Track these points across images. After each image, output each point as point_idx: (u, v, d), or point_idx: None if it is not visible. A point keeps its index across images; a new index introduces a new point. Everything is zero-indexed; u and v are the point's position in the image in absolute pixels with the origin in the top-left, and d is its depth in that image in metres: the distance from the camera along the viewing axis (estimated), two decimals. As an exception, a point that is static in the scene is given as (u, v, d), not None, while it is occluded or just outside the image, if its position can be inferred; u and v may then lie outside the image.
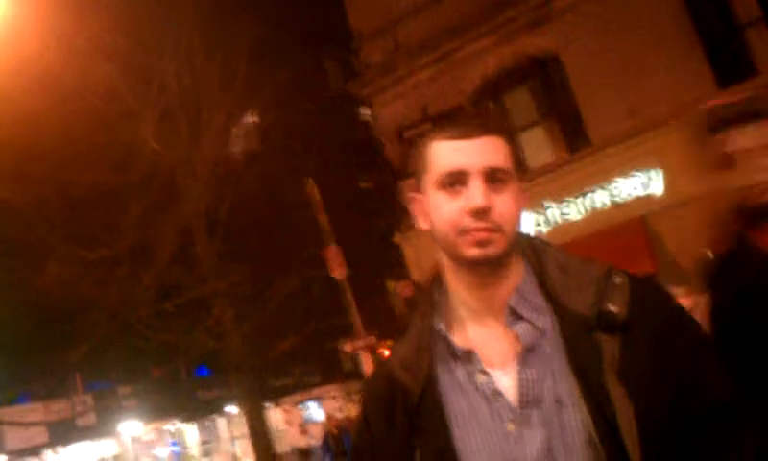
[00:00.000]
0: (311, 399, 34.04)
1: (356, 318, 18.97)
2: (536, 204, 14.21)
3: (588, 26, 13.71)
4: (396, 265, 17.31)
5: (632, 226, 13.22)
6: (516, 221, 1.56)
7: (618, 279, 1.54)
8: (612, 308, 1.48)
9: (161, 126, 16.65)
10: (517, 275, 1.58)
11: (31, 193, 15.16)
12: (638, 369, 1.43)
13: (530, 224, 14.29)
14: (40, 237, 15.61)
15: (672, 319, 1.54)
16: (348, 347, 19.42)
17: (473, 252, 1.51)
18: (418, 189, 1.64)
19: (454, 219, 1.52)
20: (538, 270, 1.59)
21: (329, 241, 17.23)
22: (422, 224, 1.63)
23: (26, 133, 14.91)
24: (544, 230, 14.21)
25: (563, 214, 14.10)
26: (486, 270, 1.54)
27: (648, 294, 1.55)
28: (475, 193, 1.50)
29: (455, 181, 1.53)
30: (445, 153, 1.55)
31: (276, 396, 29.21)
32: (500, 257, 1.53)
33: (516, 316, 1.53)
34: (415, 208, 1.65)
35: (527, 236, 1.67)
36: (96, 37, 15.08)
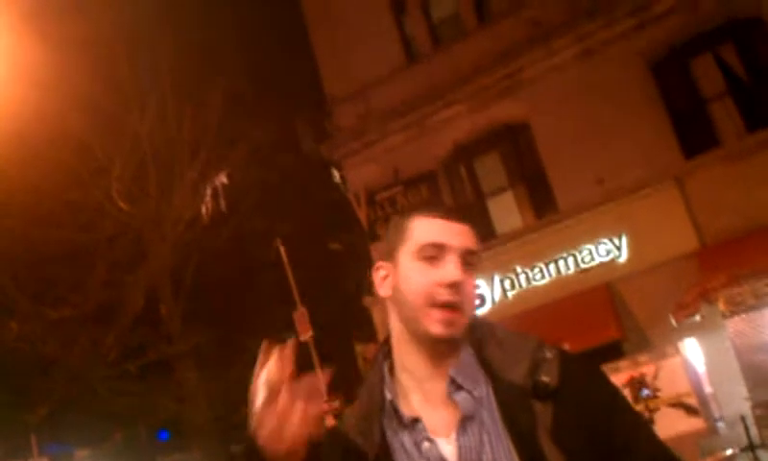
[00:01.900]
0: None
1: (321, 381, 18.75)
2: (505, 268, 14.29)
3: (557, 95, 14.00)
4: (364, 327, 17.22)
5: (597, 292, 13.33)
6: (474, 304, 1.68)
7: (549, 354, 1.63)
8: (545, 378, 1.58)
9: (131, 184, 16.58)
10: (459, 349, 1.67)
11: (-3, 248, 14.97)
12: (571, 432, 1.53)
13: (497, 288, 14.35)
14: (5, 293, 15.34)
15: (601, 389, 1.65)
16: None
17: (438, 329, 1.60)
18: (387, 258, 1.71)
19: (428, 289, 1.61)
20: (477, 346, 1.68)
21: (297, 303, 17.12)
22: (383, 291, 1.71)
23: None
24: (511, 294, 14.27)
25: (530, 279, 14.18)
26: (443, 347, 1.64)
27: (577, 367, 1.65)
28: (452, 268, 1.61)
29: (435, 254, 1.63)
30: (430, 228, 1.66)
31: (240, 461, 28.59)
32: (458, 337, 1.63)
33: (455, 386, 1.62)
34: (378, 276, 1.72)
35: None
36: (71, 86, 15.06)
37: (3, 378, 18.30)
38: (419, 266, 1.63)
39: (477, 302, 1.67)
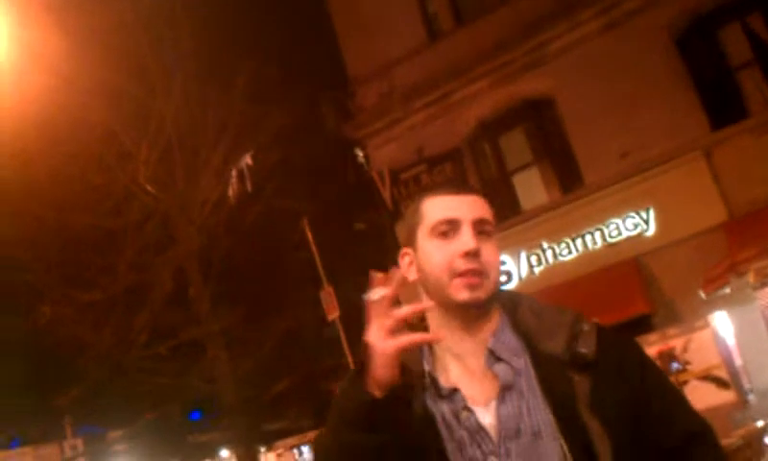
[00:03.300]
0: (305, 443, 33.63)
1: (349, 359, 18.85)
2: (531, 244, 14.24)
3: (581, 69, 13.86)
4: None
5: (625, 266, 13.24)
6: (499, 270, 1.72)
7: (586, 327, 1.69)
8: (583, 350, 1.63)
9: (157, 168, 16.70)
10: (495, 321, 1.72)
11: (27, 233, 15.15)
12: (608, 402, 1.59)
13: (524, 264, 14.31)
14: (36, 278, 15.56)
15: (636, 361, 1.70)
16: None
17: (464, 295, 1.65)
18: (408, 243, 1.78)
19: (447, 262, 1.66)
20: (513, 317, 1.73)
21: (324, 283, 17.19)
22: (411, 275, 1.76)
23: (24, 173, 14.96)
24: (538, 270, 14.22)
25: (556, 255, 14.12)
26: (473, 313, 1.69)
27: (613, 340, 1.70)
28: (467, 238, 1.67)
29: (448, 228, 1.69)
30: (439, 205, 1.73)
31: (270, 440, 28.87)
32: (486, 302, 1.67)
33: (494, 358, 1.66)
34: (404, 263, 1.78)
35: (506, 289, 1.85)
36: (95, 76, 15.19)
37: (36, 362, 18.63)
38: (435, 243, 1.70)
39: (501, 267, 1.72)
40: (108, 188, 16.26)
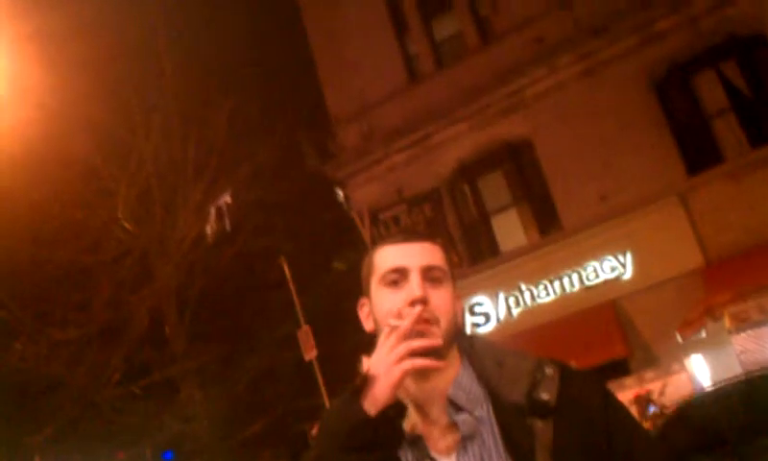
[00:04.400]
0: (280, 484, 33.19)
1: (325, 400, 18.69)
2: (509, 286, 14.27)
3: (559, 113, 14.04)
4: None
5: (603, 309, 13.30)
6: (452, 316, 1.69)
7: (549, 371, 1.66)
8: (544, 397, 1.62)
9: (136, 205, 16.62)
10: (455, 368, 1.69)
11: (2, 268, 14.97)
12: (570, 450, 1.57)
13: (502, 305, 14.33)
14: (9, 314, 15.35)
15: (602, 404, 1.67)
16: (316, 431, 18.99)
17: (417, 343, 1.60)
18: (365, 293, 1.78)
19: (395, 310, 1.65)
20: (477, 365, 1.71)
21: (301, 322, 17.10)
22: (367, 326, 1.76)
23: (2, 207, 14.81)
24: (516, 312, 14.24)
25: (535, 297, 14.16)
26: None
27: (577, 382, 1.68)
28: (414, 286, 1.65)
29: (397, 277, 1.69)
30: (388, 254, 1.73)
31: (244, 481, 28.47)
32: (438, 349, 1.62)
33: (455, 407, 1.65)
34: (362, 313, 1.79)
35: (468, 335, 1.81)
36: (77, 110, 15.14)
37: (7, 399, 18.28)
38: (386, 292, 1.70)
39: (457, 311, 1.71)
40: (86, 224, 16.14)
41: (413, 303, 1.64)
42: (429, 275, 1.68)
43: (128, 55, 16.34)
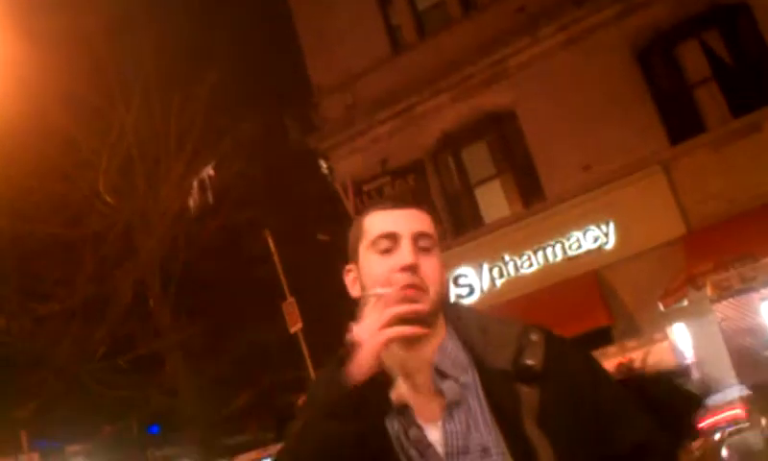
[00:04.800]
0: (266, 457, 33.31)
1: (311, 372, 18.75)
2: (493, 257, 14.31)
3: (542, 83, 14.01)
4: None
5: (585, 279, 13.38)
6: (441, 284, 1.69)
7: (534, 337, 1.67)
8: (530, 362, 1.62)
9: (117, 178, 16.50)
10: (441, 336, 1.69)
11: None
12: (557, 415, 1.58)
13: (486, 276, 14.38)
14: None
15: (586, 369, 1.70)
16: (302, 401, 19.05)
17: (402, 308, 1.60)
18: (352, 259, 1.77)
19: (385, 277, 1.64)
20: (463, 333, 1.71)
21: (286, 294, 17.11)
22: (353, 292, 1.75)
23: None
24: (500, 282, 14.30)
25: (518, 268, 14.21)
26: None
27: (563, 348, 1.69)
28: (405, 253, 1.65)
29: (387, 242, 1.68)
30: (379, 220, 1.73)
31: (231, 454, 28.56)
32: (427, 316, 1.63)
33: (441, 374, 1.64)
34: (348, 279, 1.78)
35: (453, 304, 1.81)
36: (55, 83, 14.95)
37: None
38: (376, 258, 1.69)
39: (444, 280, 1.70)
40: (66, 198, 16.02)
41: (404, 270, 1.63)
42: (420, 242, 1.68)
43: (108, 28, 16.14)
